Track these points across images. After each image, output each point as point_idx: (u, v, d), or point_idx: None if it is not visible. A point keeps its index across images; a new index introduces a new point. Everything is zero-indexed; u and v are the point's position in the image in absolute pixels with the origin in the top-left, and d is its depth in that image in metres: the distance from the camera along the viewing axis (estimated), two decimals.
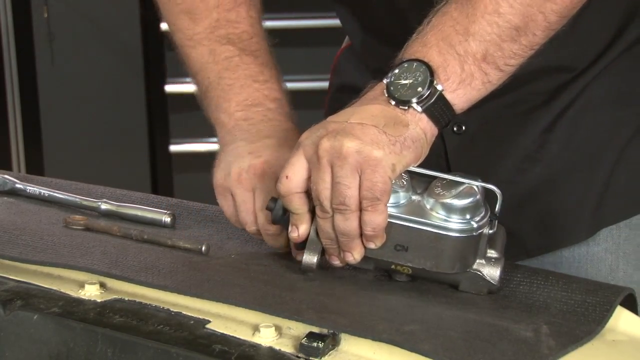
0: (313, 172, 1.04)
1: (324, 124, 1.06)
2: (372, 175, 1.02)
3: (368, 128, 1.03)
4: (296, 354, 0.91)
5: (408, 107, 1.04)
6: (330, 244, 1.05)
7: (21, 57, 3.76)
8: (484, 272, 1.05)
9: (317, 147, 1.03)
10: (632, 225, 1.28)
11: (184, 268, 1.08)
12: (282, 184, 1.06)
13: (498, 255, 1.05)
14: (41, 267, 1.08)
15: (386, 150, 1.02)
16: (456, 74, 1.06)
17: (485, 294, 1.05)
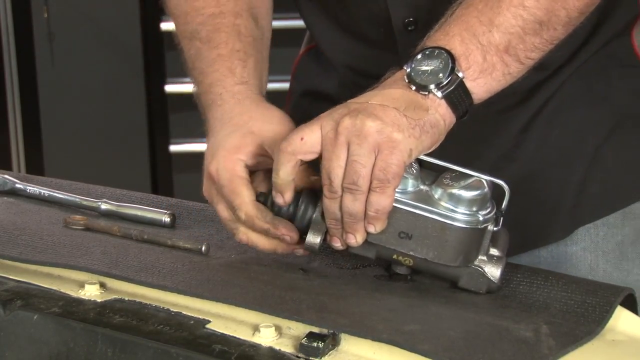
0: (328, 148, 1.03)
1: (346, 104, 1.06)
2: (388, 157, 1.02)
3: (389, 110, 1.03)
4: (296, 354, 0.91)
5: (428, 92, 1.05)
6: (335, 225, 1.04)
7: (21, 57, 3.76)
8: (486, 269, 1.05)
9: (337, 124, 1.03)
10: (609, 224, 1.29)
11: (184, 268, 1.08)
12: (293, 141, 1.04)
13: (500, 254, 1.06)
14: (41, 267, 1.08)
15: (406, 133, 1.02)
16: (477, 63, 1.07)
17: (484, 292, 1.05)
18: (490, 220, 1.04)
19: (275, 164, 1.05)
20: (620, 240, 1.29)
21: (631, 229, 1.29)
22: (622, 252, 1.29)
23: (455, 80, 1.06)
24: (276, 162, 1.05)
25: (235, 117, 1.16)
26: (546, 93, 1.24)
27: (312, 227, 1.06)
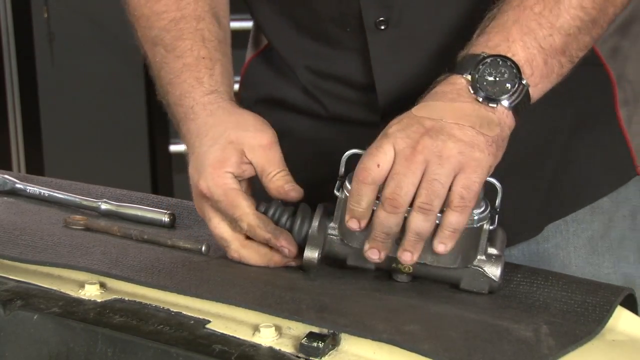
0: (402, 163, 1.01)
1: (417, 120, 1.04)
2: (471, 175, 1.01)
3: (467, 129, 1.02)
4: (296, 354, 0.91)
5: (497, 104, 1.04)
6: (384, 239, 1.03)
7: (21, 57, 3.76)
8: (485, 268, 1.05)
9: (416, 143, 1.01)
10: (578, 220, 1.30)
11: (184, 268, 1.08)
12: (372, 172, 1.02)
13: (499, 252, 1.06)
14: (41, 267, 1.08)
15: (485, 152, 1.02)
16: (539, 69, 1.07)
17: (487, 292, 1.05)
18: (485, 219, 1.04)
19: (356, 195, 1.03)
20: (590, 235, 1.30)
21: (600, 223, 1.31)
22: (593, 246, 1.30)
23: (522, 89, 1.05)
24: (356, 193, 1.03)
25: (210, 130, 1.15)
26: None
27: (310, 242, 1.07)
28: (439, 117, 1.03)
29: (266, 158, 1.14)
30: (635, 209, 1.34)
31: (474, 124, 1.02)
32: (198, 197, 1.14)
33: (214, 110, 1.18)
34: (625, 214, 1.33)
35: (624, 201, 1.32)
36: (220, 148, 1.14)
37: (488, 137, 1.02)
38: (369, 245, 1.04)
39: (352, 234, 1.05)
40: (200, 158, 1.14)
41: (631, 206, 1.33)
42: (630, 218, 1.33)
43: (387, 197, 1.01)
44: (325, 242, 1.08)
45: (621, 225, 1.32)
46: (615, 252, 1.31)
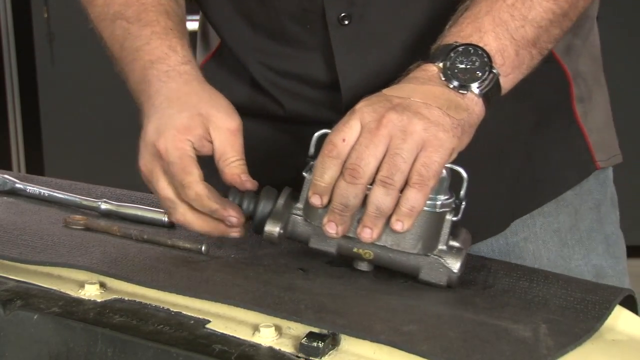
0: (366, 136, 1.01)
1: (385, 97, 1.04)
2: (432, 154, 1.01)
3: (433, 108, 1.03)
4: (296, 354, 0.91)
5: (467, 90, 1.05)
6: (341, 211, 1.03)
7: (21, 57, 3.76)
8: (445, 259, 1.05)
9: (381, 116, 1.02)
10: (544, 213, 1.31)
11: (184, 268, 1.08)
12: (338, 146, 1.02)
13: (460, 246, 1.06)
14: (41, 267, 1.08)
15: (450, 133, 1.02)
16: (510, 59, 1.08)
17: (445, 284, 1.05)
18: (448, 207, 1.04)
19: (320, 168, 1.03)
20: (557, 228, 1.32)
21: (566, 216, 1.33)
22: (561, 239, 1.32)
23: (493, 78, 1.07)
24: (320, 166, 1.03)
25: (183, 97, 1.15)
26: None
27: (272, 217, 1.07)
28: (407, 95, 1.04)
29: (229, 142, 1.14)
30: (598, 201, 1.36)
31: (441, 105, 1.03)
32: (150, 156, 1.13)
33: (190, 80, 1.17)
34: (591, 206, 1.34)
35: (587, 194, 1.35)
36: (189, 116, 1.13)
37: (454, 119, 1.03)
38: (327, 219, 1.03)
39: (314, 213, 1.06)
40: (164, 119, 1.14)
41: (594, 199, 1.35)
42: (595, 210, 1.35)
43: (348, 167, 1.01)
44: (289, 221, 1.08)
45: (588, 217, 1.34)
46: (585, 244, 1.33)
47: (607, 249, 1.36)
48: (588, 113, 1.34)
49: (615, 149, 1.40)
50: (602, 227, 1.37)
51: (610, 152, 1.38)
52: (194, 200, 1.10)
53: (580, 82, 1.34)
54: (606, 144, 1.37)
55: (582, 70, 1.34)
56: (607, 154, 1.37)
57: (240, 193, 1.11)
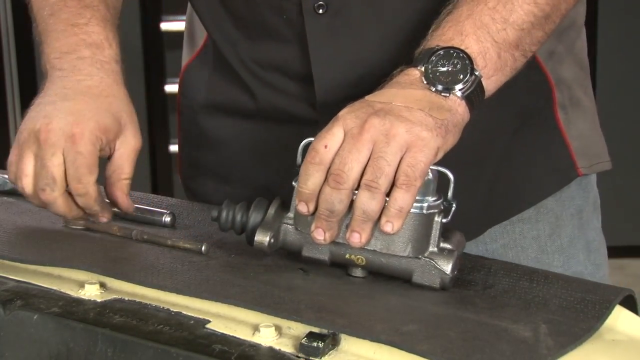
0: (349, 141, 1.02)
1: (367, 103, 1.05)
2: (417, 154, 1.01)
3: (415, 111, 1.03)
4: (296, 354, 0.91)
5: (450, 93, 1.06)
6: (327, 217, 1.02)
7: (21, 57, 3.76)
8: (437, 261, 1.05)
9: (363, 122, 1.02)
10: (523, 220, 1.32)
11: (184, 268, 1.08)
12: (320, 153, 1.02)
13: (452, 247, 1.06)
14: (41, 267, 1.08)
15: (433, 132, 1.02)
16: (492, 61, 1.09)
17: (438, 286, 1.05)
18: (436, 208, 1.05)
19: (303, 175, 1.03)
20: (536, 235, 1.32)
21: (546, 223, 1.33)
22: (540, 246, 1.32)
23: (475, 80, 1.07)
24: (304, 173, 1.03)
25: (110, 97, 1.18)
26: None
27: (262, 227, 1.07)
28: (389, 100, 1.04)
29: (129, 160, 1.19)
30: (580, 207, 1.36)
31: (423, 107, 1.04)
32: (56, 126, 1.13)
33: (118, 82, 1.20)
34: (572, 212, 1.34)
35: (569, 200, 1.35)
36: (111, 119, 1.16)
37: (437, 119, 1.03)
38: (314, 226, 1.03)
39: (304, 220, 1.06)
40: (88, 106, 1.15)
41: (576, 205, 1.35)
42: (577, 217, 1.35)
43: (332, 172, 1.02)
44: (281, 230, 1.08)
45: (569, 224, 1.34)
46: (566, 251, 1.33)
47: (588, 256, 1.36)
48: (571, 120, 1.34)
49: (601, 156, 1.39)
50: (584, 233, 1.37)
51: (594, 159, 1.37)
52: (81, 195, 1.13)
53: (563, 89, 1.33)
54: (590, 151, 1.37)
55: (565, 76, 1.34)
56: (590, 160, 1.36)
57: (233, 205, 1.11)
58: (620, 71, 4.05)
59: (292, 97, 1.28)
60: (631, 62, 4.04)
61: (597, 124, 1.40)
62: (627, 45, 3.99)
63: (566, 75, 1.34)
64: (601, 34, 4.01)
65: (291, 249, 1.09)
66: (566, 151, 1.33)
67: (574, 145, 1.34)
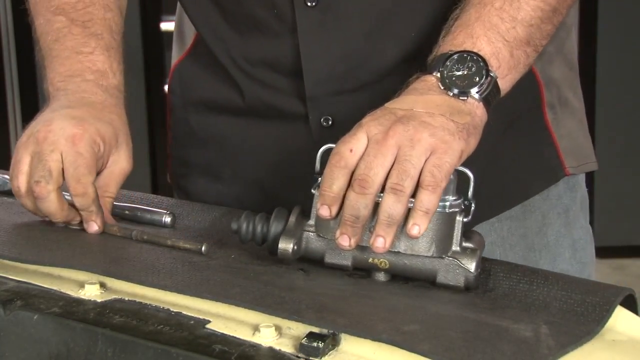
0: (373, 147, 1.02)
1: (389, 110, 1.05)
2: (442, 155, 1.02)
3: (437, 116, 1.04)
4: (296, 354, 0.91)
5: (467, 96, 1.07)
6: (353, 223, 1.02)
7: (21, 57, 3.76)
8: (460, 260, 1.05)
9: (387, 129, 1.02)
10: (512, 218, 1.33)
11: (184, 268, 1.08)
12: (345, 157, 1.03)
13: (474, 246, 1.06)
14: (41, 267, 1.08)
15: (456, 136, 1.03)
16: (506, 61, 1.10)
17: (463, 286, 1.05)
18: (457, 207, 1.05)
19: (328, 178, 1.03)
20: (524, 233, 1.33)
21: (533, 221, 1.34)
22: (527, 244, 1.33)
23: (491, 81, 1.08)
24: (329, 177, 1.03)
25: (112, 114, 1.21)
26: None
27: (285, 235, 1.08)
28: (410, 107, 1.05)
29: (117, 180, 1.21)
30: (567, 206, 1.36)
31: (444, 112, 1.05)
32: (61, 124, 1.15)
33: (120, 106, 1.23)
34: (560, 211, 1.35)
35: (556, 199, 1.35)
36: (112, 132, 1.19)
37: (459, 123, 1.04)
38: (339, 232, 1.03)
39: (326, 226, 1.06)
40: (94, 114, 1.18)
41: (563, 204, 1.36)
42: (564, 215, 1.35)
43: (357, 177, 1.02)
44: (302, 238, 1.08)
45: (556, 222, 1.35)
46: (552, 249, 1.34)
47: (574, 255, 1.36)
48: (560, 120, 1.35)
49: (588, 157, 1.40)
50: (570, 232, 1.37)
51: (581, 159, 1.38)
52: (79, 195, 1.14)
53: (552, 88, 1.34)
54: (578, 151, 1.38)
55: (555, 76, 1.34)
56: (578, 160, 1.37)
57: (253, 216, 1.11)
58: (620, 71, 4.05)
59: (281, 93, 1.28)
60: (631, 62, 4.04)
61: (585, 125, 1.41)
62: (627, 45, 4.00)
63: (555, 75, 1.35)
64: (601, 35, 4.01)
65: (313, 256, 1.09)
66: (554, 151, 1.34)
67: (562, 145, 1.35)
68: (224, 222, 1.23)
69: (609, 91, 4.05)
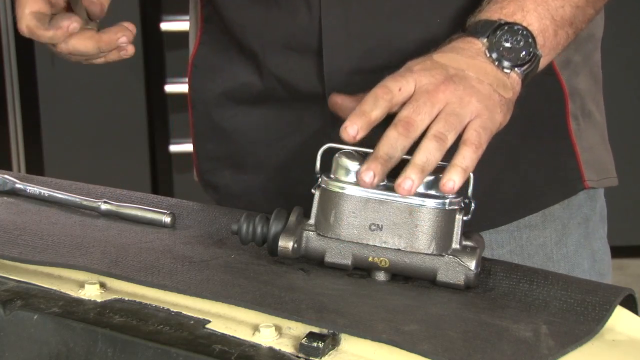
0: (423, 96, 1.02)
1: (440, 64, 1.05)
2: (486, 121, 1.02)
3: (485, 85, 1.05)
4: (296, 354, 0.91)
5: (511, 70, 1.07)
6: (386, 161, 1.00)
7: (21, 57, 3.76)
8: (461, 257, 1.05)
9: (440, 82, 1.03)
10: (531, 226, 1.31)
11: (184, 268, 1.08)
12: (393, 92, 1.02)
13: (474, 245, 1.07)
14: (41, 267, 1.08)
15: (498, 108, 1.04)
16: (550, 40, 1.10)
17: (463, 284, 1.05)
18: (457, 205, 1.05)
19: (370, 102, 1.02)
20: (543, 242, 1.31)
21: (553, 231, 1.32)
22: (546, 254, 1.31)
23: (535, 59, 1.08)
24: (372, 102, 1.02)
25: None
26: None
27: (285, 233, 1.08)
28: (462, 67, 1.05)
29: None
30: (587, 216, 1.35)
31: (492, 83, 1.05)
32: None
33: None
34: (579, 221, 1.34)
35: (576, 209, 1.34)
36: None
37: (502, 97, 1.05)
38: (366, 167, 1.01)
39: (326, 225, 1.07)
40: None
41: (583, 214, 1.34)
42: (583, 226, 1.34)
43: (402, 118, 1.01)
44: (302, 237, 1.08)
45: (576, 232, 1.34)
46: (571, 259, 1.33)
47: (593, 265, 1.35)
48: (583, 131, 1.33)
49: (609, 172, 1.38)
50: (590, 242, 1.36)
51: (602, 173, 1.36)
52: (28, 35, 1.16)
53: (577, 99, 1.33)
54: (599, 165, 1.36)
55: (580, 87, 1.33)
56: (598, 175, 1.35)
57: (252, 217, 1.11)
58: (620, 70, 4.05)
59: (300, 71, 1.27)
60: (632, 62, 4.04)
61: (606, 139, 1.39)
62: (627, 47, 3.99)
63: (581, 87, 1.33)
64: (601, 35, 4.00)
65: (313, 256, 1.09)
66: (574, 162, 1.32)
67: (584, 157, 1.33)
68: (224, 222, 1.23)
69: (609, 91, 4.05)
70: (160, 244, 1.17)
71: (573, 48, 1.29)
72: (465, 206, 1.07)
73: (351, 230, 1.06)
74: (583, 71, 1.34)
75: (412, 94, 1.03)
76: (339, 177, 1.07)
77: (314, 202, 1.08)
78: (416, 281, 1.08)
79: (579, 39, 1.25)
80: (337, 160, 1.08)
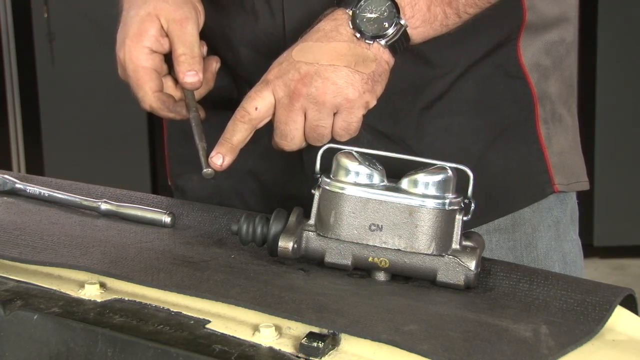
0: (283, 113, 1.10)
1: (293, 64, 1.09)
2: (348, 116, 1.09)
3: (341, 69, 1.08)
4: (296, 354, 0.91)
5: (373, 41, 1.09)
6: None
7: (21, 57, 3.77)
8: (460, 257, 1.05)
9: (292, 92, 1.08)
10: (500, 230, 1.32)
11: (184, 268, 1.08)
12: (250, 113, 1.10)
13: (474, 245, 1.07)
14: (41, 267, 1.08)
15: (360, 89, 1.08)
16: (421, 13, 1.12)
17: (462, 284, 1.05)
18: (456, 205, 1.06)
19: (230, 130, 1.11)
20: (512, 246, 1.32)
21: (522, 234, 1.33)
22: (516, 257, 1.32)
23: (400, 29, 1.10)
24: (231, 129, 1.11)
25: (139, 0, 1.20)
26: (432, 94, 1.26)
27: (285, 233, 1.08)
28: (314, 60, 1.09)
29: (177, 34, 1.19)
30: (557, 219, 1.35)
31: (349, 63, 1.08)
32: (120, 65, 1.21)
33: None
34: (550, 224, 1.34)
35: (546, 212, 1.34)
36: (140, 20, 1.18)
37: (364, 74, 1.08)
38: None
39: (326, 225, 1.07)
40: (124, 27, 1.20)
41: (553, 217, 1.34)
42: (554, 228, 1.34)
43: (276, 142, 1.13)
44: (302, 237, 1.09)
45: (546, 235, 1.33)
46: (542, 262, 1.33)
47: (564, 268, 1.35)
48: (553, 136, 1.33)
49: (579, 176, 1.38)
50: (560, 245, 1.36)
51: (572, 178, 1.36)
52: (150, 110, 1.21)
53: (547, 104, 1.32)
54: (569, 169, 1.36)
55: (551, 92, 1.33)
56: (568, 179, 1.35)
57: (252, 218, 1.11)
58: (620, 69, 4.05)
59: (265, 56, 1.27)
60: (632, 62, 4.04)
61: (577, 143, 1.38)
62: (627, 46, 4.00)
63: (551, 91, 1.33)
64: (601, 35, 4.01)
65: (313, 256, 1.09)
66: (544, 166, 1.32)
67: (553, 161, 1.32)
68: (224, 222, 1.23)
69: (609, 91, 4.06)
70: (160, 244, 1.17)
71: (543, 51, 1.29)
72: (465, 206, 1.07)
73: (351, 230, 1.06)
74: (553, 75, 1.33)
75: (273, 105, 1.11)
76: (338, 178, 1.07)
77: (314, 202, 1.09)
78: (416, 281, 1.08)
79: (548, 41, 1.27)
80: (337, 161, 1.08)
